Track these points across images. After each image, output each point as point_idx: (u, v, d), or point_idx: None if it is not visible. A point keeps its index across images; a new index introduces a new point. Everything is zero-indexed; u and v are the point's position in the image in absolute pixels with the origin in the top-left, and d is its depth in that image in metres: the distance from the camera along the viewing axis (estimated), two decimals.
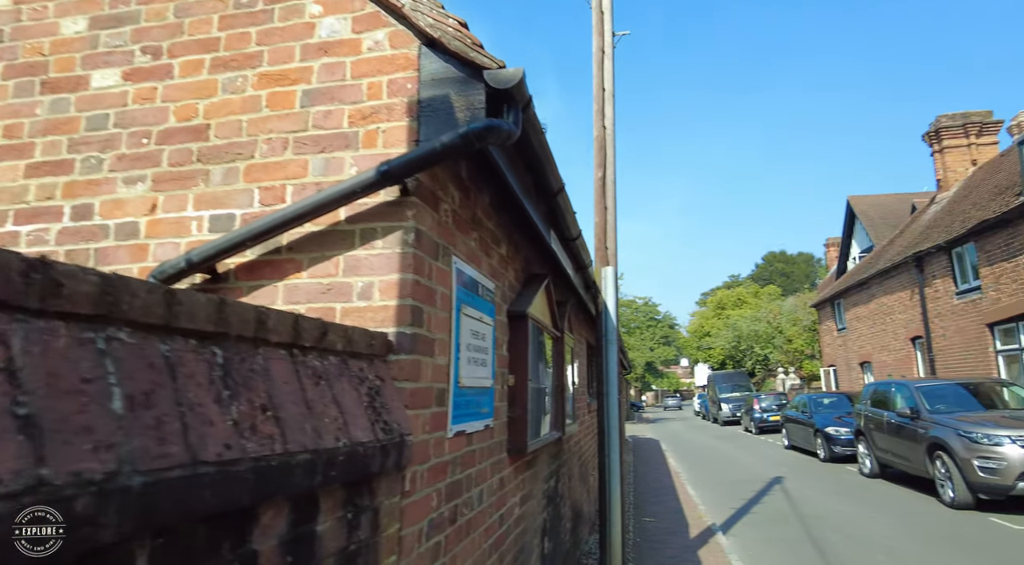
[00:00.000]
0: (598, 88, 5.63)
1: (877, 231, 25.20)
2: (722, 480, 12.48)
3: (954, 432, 8.75)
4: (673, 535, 7.59)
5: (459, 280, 2.37)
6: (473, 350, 2.51)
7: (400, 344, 1.88)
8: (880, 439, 11.09)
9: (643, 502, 9.91)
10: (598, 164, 5.53)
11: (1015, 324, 11.72)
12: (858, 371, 20.34)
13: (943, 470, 8.84)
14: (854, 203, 28.31)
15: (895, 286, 16.97)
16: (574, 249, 4.15)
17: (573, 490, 6.02)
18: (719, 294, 59.46)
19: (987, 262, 12.29)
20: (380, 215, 1.98)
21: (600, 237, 5.51)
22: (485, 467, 2.72)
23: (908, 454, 9.97)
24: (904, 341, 16.51)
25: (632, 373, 40.37)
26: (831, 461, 14.16)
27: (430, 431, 2.04)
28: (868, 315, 19.11)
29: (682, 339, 55.84)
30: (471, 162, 2.55)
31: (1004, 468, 8.05)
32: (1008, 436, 8.20)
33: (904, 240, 18.34)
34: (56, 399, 0.80)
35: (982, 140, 19.16)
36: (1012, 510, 8.22)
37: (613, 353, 5.30)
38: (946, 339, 14.12)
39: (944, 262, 14.14)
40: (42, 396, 0.78)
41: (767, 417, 23.58)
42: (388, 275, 1.93)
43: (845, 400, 16.54)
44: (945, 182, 19.13)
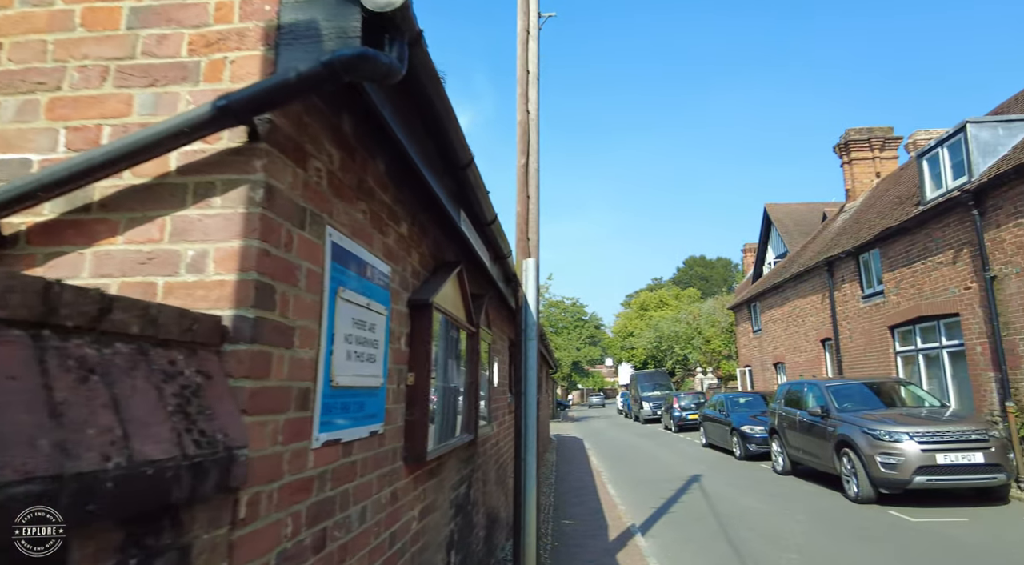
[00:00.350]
0: (522, 70, 5.32)
1: (791, 238, 26.50)
2: (642, 478, 12.53)
3: (859, 430, 9.07)
4: (592, 538, 7.41)
5: (336, 257, 1.96)
6: (357, 343, 2.11)
7: (239, 331, 1.46)
8: (793, 437, 11.42)
9: (564, 503, 9.72)
10: (521, 150, 5.22)
11: (912, 327, 12.39)
12: (772, 371, 21.18)
13: (849, 466, 9.14)
14: (770, 210, 29.68)
15: (807, 290, 17.72)
16: (490, 235, 3.81)
17: (489, 495, 5.68)
18: (642, 296, 61.05)
19: (889, 268, 12.95)
20: (220, 166, 1.55)
21: (522, 227, 5.20)
22: (370, 480, 2.32)
23: (818, 451, 10.29)
24: (815, 342, 17.26)
25: (559, 372, 40.66)
26: (746, 459, 14.55)
27: (285, 441, 1.63)
28: (782, 317, 19.91)
29: (607, 339, 56.89)
30: (358, 119, 2.15)
31: (902, 463, 8.39)
32: (906, 433, 8.56)
33: (816, 246, 19.21)
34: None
35: (884, 154, 20.41)
36: (907, 503, 8.58)
37: (533, 350, 5.01)
38: (852, 341, 14.83)
39: (852, 267, 14.84)
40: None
41: (686, 415, 24.21)
42: (227, 242, 1.50)
43: (760, 399, 17.12)
44: (853, 192, 20.23)
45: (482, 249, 3.91)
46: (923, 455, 8.32)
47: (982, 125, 10.42)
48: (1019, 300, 9.20)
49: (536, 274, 5.05)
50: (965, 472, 8.26)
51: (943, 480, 8.28)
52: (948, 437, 8.41)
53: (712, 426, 17.34)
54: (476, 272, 4.74)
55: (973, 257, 10.19)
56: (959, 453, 8.29)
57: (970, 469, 8.26)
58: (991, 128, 10.38)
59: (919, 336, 12.25)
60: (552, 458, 16.31)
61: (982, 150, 10.30)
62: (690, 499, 9.99)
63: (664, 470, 13.61)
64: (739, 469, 13.29)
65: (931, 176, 11.62)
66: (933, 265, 11.36)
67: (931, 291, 11.46)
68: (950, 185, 10.96)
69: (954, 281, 10.74)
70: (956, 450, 8.31)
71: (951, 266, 10.81)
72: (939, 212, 10.97)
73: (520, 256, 5.16)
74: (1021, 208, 9.12)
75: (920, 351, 12.19)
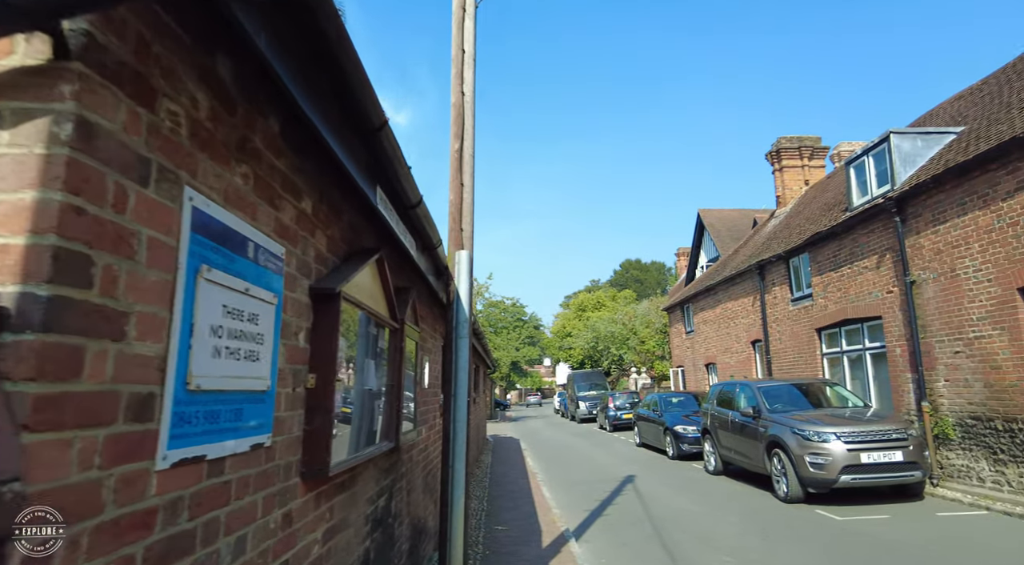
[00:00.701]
0: (457, 50, 4.97)
1: (723, 242, 27.34)
2: (578, 480, 12.40)
3: (790, 430, 9.20)
4: (525, 545, 7.13)
5: (200, 227, 1.56)
6: (230, 337, 1.71)
7: (25, 315, 1.05)
8: (725, 437, 11.55)
9: (497, 508, 9.42)
10: (455, 134, 4.87)
11: (838, 329, 12.81)
12: (704, 371, 21.63)
13: (779, 466, 9.26)
14: (704, 216, 30.55)
15: (739, 292, 18.15)
16: (415, 221, 3.43)
17: (414, 505, 5.29)
18: (581, 297, 61.75)
19: (818, 272, 13.35)
20: (12, 89, 1.13)
21: (455, 216, 4.84)
22: (253, 502, 1.92)
23: (749, 452, 10.41)
24: (746, 344, 17.68)
25: (497, 372, 40.45)
26: (679, 458, 14.70)
27: (105, 465, 1.22)
28: (714, 319, 20.34)
29: (546, 339, 57.18)
30: (240, 64, 1.75)
31: (830, 463, 8.55)
32: (834, 433, 8.73)
33: (747, 251, 19.73)
34: None
35: (813, 162, 21.23)
36: (833, 502, 8.75)
37: (464, 349, 4.66)
38: (781, 342, 15.24)
39: (782, 271, 15.26)
40: None
41: (620, 415, 24.45)
42: (15, 192, 1.09)
43: (692, 399, 17.39)
44: (783, 198, 20.92)
45: (407, 237, 3.53)
46: (849, 455, 8.50)
47: (904, 136, 10.84)
48: (935, 304, 9.58)
49: (469, 267, 4.71)
50: (886, 470, 8.49)
51: (866, 478, 8.48)
52: (871, 437, 8.63)
53: (646, 426, 17.49)
54: (402, 263, 4.36)
55: (895, 262, 10.57)
56: (881, 452, 8.52)
57: (891, 467, 8.50)
58: (912, 139, 10.80)
59: (844, 338, 12.66)
60: (487, 460, 16.00)
61: (904, 160, 10.71)
62: (624, 501, 9.89)
63: (599, 471, 13.54)
64: (672, 469, 13.38)
65: (857, 183, 12.02)
66: (859, 269, 11.75)
67: (856, 295, 11.85)
68: (875, 192, 11.35)
69: (878, 285, 11.13)
70: (878, 449, 8.54)
71: (875, 271, 11.20)
72: (865, 218, 11.34)
73: (452, 248, 4.80)
74: (939, 216, 9.50)
75: (845, 353, 12.60)
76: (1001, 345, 8.42)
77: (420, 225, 3.51)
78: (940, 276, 9.49)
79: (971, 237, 8.89)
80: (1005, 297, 8.35)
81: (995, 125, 9.18)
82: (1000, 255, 8.41)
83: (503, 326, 46.06)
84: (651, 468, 13.59)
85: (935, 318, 9.61)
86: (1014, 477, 8.26)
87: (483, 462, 15.43)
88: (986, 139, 8.87)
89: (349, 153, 2.32)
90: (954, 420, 9.26)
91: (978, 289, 8.78)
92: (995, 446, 8.55)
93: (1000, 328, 8.43)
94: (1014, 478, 8.26)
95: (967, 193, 8.96)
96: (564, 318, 58.95)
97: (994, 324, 8.53)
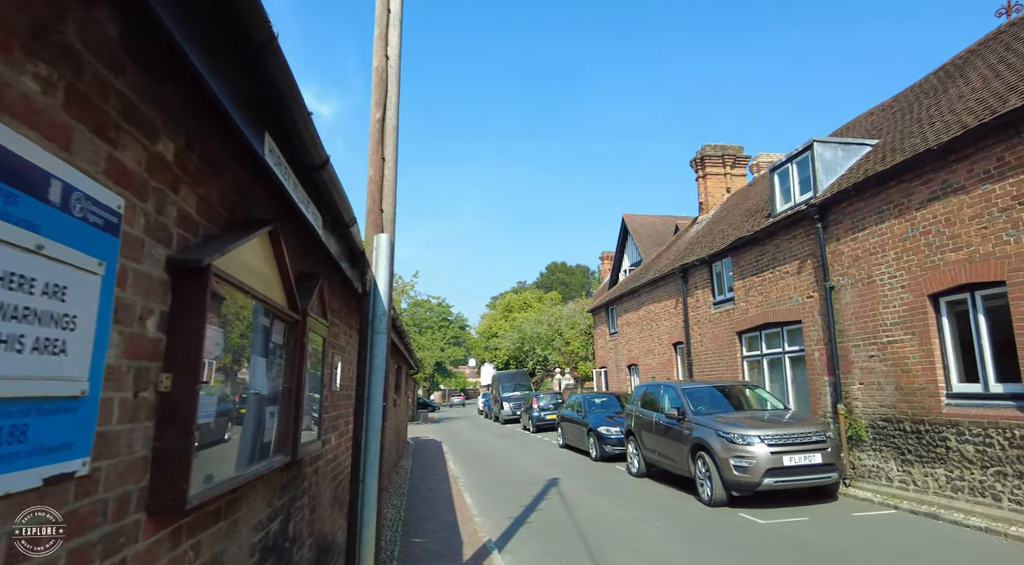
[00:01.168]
0: (382, 9, 4.40)
1: (645, 247, 27.90)
2: (501, 484, 11.99)
3: (715, 433, 9.16)
4: (444, 559, 6.61)
5: None
6: (2, 317, 1.12)
7: None
8: (649, 439, 11.47)
9: (415, 518, 8.83)
10: (377, 103, 4.29)
11: (758, 332, 13.08)
12: (626, 372, 21.81)
13: (704, 469, 9.20)
14: (628, 220, 31.11)
15: (662, 295, 18.36)
16: (321, 188, 2.85)
17: (320, 522, 4.67)
18: (508, 297, 61.67)
19: (740, 276, 13.59)
20: None
21: (374, 195, 4.27)
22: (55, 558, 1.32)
23: (674, 454, 10.34)
24: (668, 345, 17.89)
25: (421, 373, 39.54)
26: (602, 460, 14.59)
27: None
28: (637, 321, 20.53)
29: (472, 340, 56.64)
30: None
31: (754, 466, 8.55)
32: (758, 436, 8.75)
33: (671, 255, 20.04)
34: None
35: (735, 171, 21.89)
36: (755, 505, 8.78)
37: (382, 346, 4.10)
38: (703, 345, 15.47)
39: (705, 275, 15.49)
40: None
41: (544, 416, 24.32)
42: None
43: (615, 400, 17.40)
44: (706, 205, 21.43)
45: (311, 209, 2.95)
46: (772, 457, 8.53)
47: (826, 145, 11.16)
48: (852, 309, 9.86)
49: (390, 253, 4.15)
50: (806, 472, 8.59)
51: (788, 481, 8.55)
52: (793, 439, 8.71)
53: (569, 427, 17.34)
54: (310, 246, 3.75)
55: (816, 268, 10.83)
56: (802, 454, 8.61)
57: (811, 469, 8.60)
58: (833, 148, 11.13)
59: (764, 342, 12.93)
60: (407, 464, 15.31)
61: (825, 168, 11.00)
62: (549, 506, 9.56)
63: (522, 474, 13.20)
64: (596, 471, 13.22)
65: (781, 190, 12.29)
66: (780, 274, 12.00)
67: (777, 299, 12.10)
68: (798, 199, 11.62)
69: (798, 290, 11.38)
70: (800, 451, 8.62)
71: (796, 276, 11.46)
72: (787, 224, 11.59)
73: (371, 231, 4.23)
74: (858, 223, 9.78)
75: (765, 356, 12.86)
76: (912, 349, 8.70)
77: (328, 194, 2.93)
78: (858, 282, 9.76)
79: (887, 245, 9.17)
80: (916, 303, 8.63)
81: (908, 138, 9.54)
82: (913, 263, 8.69)
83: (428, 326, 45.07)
84: (575, 470, 13.39)
85: (852, 323, 9.87)
86: (919, 476, 8.55)
87: (402, 467, 14.74)
88: (901, 151, 9.18)
89: (222, 79, 1.74)
90: (867, 422, 9.54)
91: (892, 295, 9.06)
92: (903, 447, 8.83)
93: (911, 333, 8.72)
94: (919, 477, 8.55)
95: (884, 202, 9.24)
96: (490, 318, 58.64)
97: (906, 329, 8.81)
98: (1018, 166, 7.24)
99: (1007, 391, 7.47)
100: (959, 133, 7.84)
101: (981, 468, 7.62)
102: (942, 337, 8.39)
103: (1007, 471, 7.29)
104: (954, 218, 8.06)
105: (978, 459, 7.67)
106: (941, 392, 8.27)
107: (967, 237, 7.87)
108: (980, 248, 7.68)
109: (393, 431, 14.29)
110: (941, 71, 11.96)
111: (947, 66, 11.94)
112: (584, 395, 18.24)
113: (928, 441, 8.41)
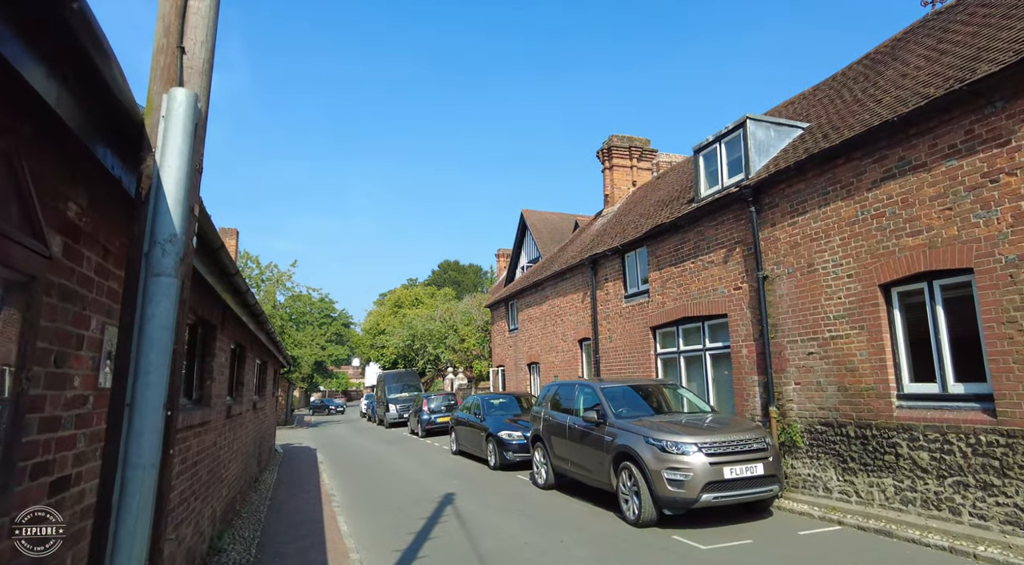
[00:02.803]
0: None
1: (544, 244, 26.89)
2: (385, 502, 9.97)
3: (643, 440, 7.77)
4: None
5: None
6: None
7: None
8: (560, 446, 9.96)
9: (272, 556, 6.67)
10: None
11: (675, 328, 12.04)
12: (526, 371, 20.41)
13: (630, 483, 7.79)
14: (527, 216, 30.04)
15: (568, 288, 17.11)
16: None
17: None
18: (398, 293, 58.70)
19: (656, 267, 12.52)
20: None
21: (170, 25, 2.29)
22: None
23: (591, 464, 8.88)
24: (573, 342, 16.65)
25: (297, 372, 36.01)
26: (503, 469, 12.94)
27: None
28: (540, 316, 19.19)
29: (356, 338, 53.13)
30: None
31: (690, 479, 7.24)
32: (694, 444, 7.46)
33: (574, 249, 18.89)
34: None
35: (641, 164, 21.22)
36: (687, 524, 7.50)
37: (167, 300, 2.14)
38: (612, 341, 14.31)
39: (617, 266, 14.35)
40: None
41: (435, 419, 22.40)
42: None
43: (514, 401, 15.88)
44: (612, 197, 20.54)
45: None
46: (711, 469, 7.27)
47: (759, 123, 10.26)
48: (789, 301, 8.92)
49: (192, 125, 2.17)
50: (748, 486, 7.42)
51: (728, 496, 7.33)
52: (732, 447, 7.51)
53: (465, 431, 15.58)
54: None
55: (746, 256, 9.86)
56: (743, 465, 7.42)
57: (752, 482, 7.44)
58: (766, 128, 10.25)
59: (682, 337, 11.90)
60: (270, 479, 12.78)
61: (759, 148, 10.09)
62: (445, 532, 7.73)
63: (412, 488, 11.23)
64: (497, 483, 11.53)
65: (707, 173, 11.30)
66: (703, 264, 10.98)
67: (699, 291, 11.07)
68: (727, 182, 10.65)
69: (724, 281, 10.39)
70: (740, 462, 7.44)
71: (722, 265, 10.46)
72: (714, 209, 10.58)
73: (160, 84, 2.24)
74: (798, 207, 8.86)
75: (682, 353, 11.83)
76: (859, 346, 7.81)
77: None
78: (796, 271, 8.83)
79: (832, 229, 8.28)
80: (866, 294, 7.76)
81: (852, 117, 8.75)
82: (862, 249, 7.82)
83: (307, 322, 41.32)
84: (473, 483, 11.62)
85: (788, 316, 8.93)
86: (863, 487, 7.66)
87: (263, 483, 12.21)
88: (849, 127, 8.33)
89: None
90: (803, 426, 8.60)
91: (837, 285, 8.16)
92: (845, 454, 7.93)
93: (859, 327, 7.83)
94: (863, 488, 7.66)
95: (830, 182, 8.34)
96: (378, 315, 55.37)
97: (852, 323, 7.92)
98: (990, 139, 6.44)
99: (969, 391, 6.67)
100: (922, 103, 6.99)
101: (937, 478, 6.78)
102: (893, 332, 7.54)
103: (969, 482, 6.46)
104: (912, 199, 7.22)
105: (934, 468, 6.82)
106: (892, 393, 7.40)
107: (927, 220, 7.04)
108: (943, 232, 6.85)
109: (254, 439, 11.77)
110: (866, 59, 11.53)
111: (872, 55, 11.53)
112: (481, 396, 16.55)
113: (875, 447, 7.53)
